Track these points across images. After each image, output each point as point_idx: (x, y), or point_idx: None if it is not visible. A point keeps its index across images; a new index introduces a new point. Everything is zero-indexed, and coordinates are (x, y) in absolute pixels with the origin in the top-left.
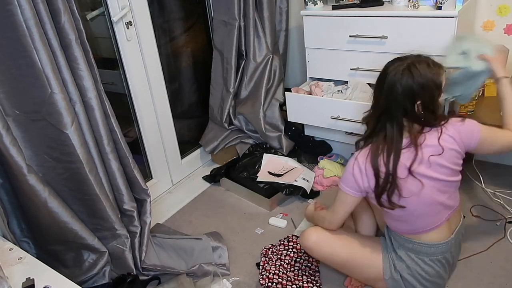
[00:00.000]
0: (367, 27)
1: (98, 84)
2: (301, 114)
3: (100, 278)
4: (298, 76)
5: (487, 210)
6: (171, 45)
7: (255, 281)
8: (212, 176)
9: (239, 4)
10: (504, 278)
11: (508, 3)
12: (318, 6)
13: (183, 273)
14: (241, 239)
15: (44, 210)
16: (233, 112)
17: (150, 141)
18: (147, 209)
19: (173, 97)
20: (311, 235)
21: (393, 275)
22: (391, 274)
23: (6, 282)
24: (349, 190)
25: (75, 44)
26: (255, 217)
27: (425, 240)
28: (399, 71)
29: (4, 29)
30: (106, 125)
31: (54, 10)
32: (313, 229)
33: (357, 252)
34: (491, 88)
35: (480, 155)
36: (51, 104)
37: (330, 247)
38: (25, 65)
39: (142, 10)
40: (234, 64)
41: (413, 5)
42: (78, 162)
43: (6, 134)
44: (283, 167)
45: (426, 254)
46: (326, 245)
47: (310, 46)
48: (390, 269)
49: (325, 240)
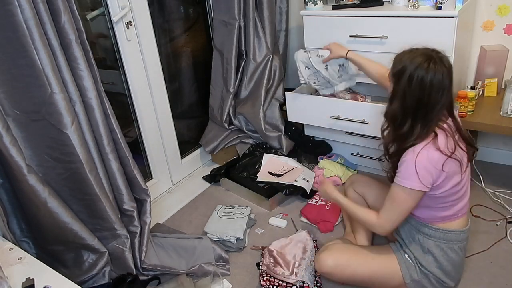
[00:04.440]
0: (367, 27)
1: (98, 84)
2: (301, 114)
3: (100, 278)
4: (298, 76)
5: (487, 210)
6: (171, 45)
7: (255, 281)
8: (212, 176)
9: (239, 4)
10: (504, 278)
11: (508, 3)
12: (318, 6)
13: (183, 273)
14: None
15: (44, 210)
16: (233, 112)
17: (150, 141)
18: (147, 209)
19: (173, 97)
20: (326, 259)
21: (413, 277)
22: (411, 277)
23: (6, 282)
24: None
25: (75, 44)
26: (255, 217)
27: (456, 227)
28: (432, 71)
29: (4, 29)
30: (106, 125)
31: (54, 10)
32: (327, 253)
33: (376, 266)
34: (491, 88)
35: (480, 155)
36: (51, 104)
37: (350, 268)
38: (25, 65)
39: (142, 10)
40: (234, 64)
41: (413, 5)
42: (78, 162)
43: (6, 134)
44: (283, 167)
45: (457, 242)
46: (345, 268)
47: (310, 46)
48: (409, 272)
49: (343, 262)
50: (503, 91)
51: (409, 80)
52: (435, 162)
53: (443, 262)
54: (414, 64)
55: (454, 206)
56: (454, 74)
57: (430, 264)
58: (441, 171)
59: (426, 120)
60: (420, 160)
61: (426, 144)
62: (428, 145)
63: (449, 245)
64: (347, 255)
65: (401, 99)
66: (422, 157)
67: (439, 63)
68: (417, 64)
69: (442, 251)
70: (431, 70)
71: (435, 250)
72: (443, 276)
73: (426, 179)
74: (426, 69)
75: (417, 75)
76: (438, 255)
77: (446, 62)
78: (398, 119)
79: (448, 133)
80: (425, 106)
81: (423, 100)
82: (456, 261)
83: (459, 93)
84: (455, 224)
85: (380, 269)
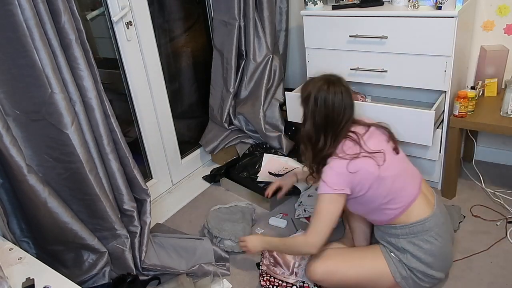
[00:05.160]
0: (367, 27)
1: (98, 84)
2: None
3: (100, 278)
4: (298, 76)
5: (487, 210)
6: (171, 45)
7: (255, 281)
8: (212, 176)
9: (239, 4)
10: (504, 278)
11: (508, 3)
12: (318, 6)
13: (183, 273)
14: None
15: (44, 210)
16: (233, 112)
17: (150, 141)
18: (147, 209)
19: (173, 97)
20: (316, 267)
21: (402, 274)
22: (400, 274)
23: (6, 282)
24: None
25: (75, 44)
26: (255, 217)
27: (415, 219)
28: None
29: (4, 29)
30: (106, 125)
31: (54, 10)
32: (316, 261)
33: (364, 268)
34: (491, 88)
35: (480, 155)
36: (51, 104)
37: (338, 273)
38: (25, 65)
39: (142, 10)
40: (234, 64)
41: (413, 5)
42: (78, 162)
43: (6, 134)
44: (283, 167)
45: (424, 231)
46: (334, 273)
47: (310, 46)
48: (397, 269)
49: (332, 268)
50: (503, 91)
51: (315, 101)
52: (339, 167)
53: (421, 255)
54: (316, 88)
55: (397, 199)
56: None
57: (411, 261)
58: (348, 173)
59: (335, 132)
60: (332, 166)
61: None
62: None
63: (419, 237)
64: (334, 261)
65: (311, 119)
66: (334, 164)
67: (338, 83)
68: (319, 87)
69: (415, 245)
70: (330, 91)
71: (409, 247)
72: (427, 269)
73: (338, 183)
74: (326, 90)
75: (320, 96)
76: (413, 251)
77: (344, 82)
78: (313, 137)
79: (353, 139)
80: (332, 121)
81: (329, 116)
82: (434, 251)
83: (459, 93)
84: (414, 215)
85: (369, 271)
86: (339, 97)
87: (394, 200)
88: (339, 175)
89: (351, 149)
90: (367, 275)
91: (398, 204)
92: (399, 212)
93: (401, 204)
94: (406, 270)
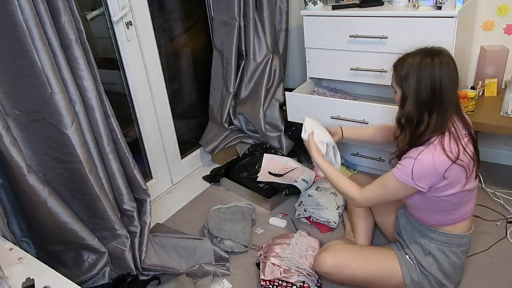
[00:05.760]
0: (367, 27)
1: (98, 84)
2: (301, 114)
3: (100, 278)
4: (298, 76)
5: (487, 210)
6: (171, 45)
7: (255, 281)
8: (212, 176)
9: (239, 4)
10: (505, 278)
11: (508, 3)
12: (318, 6)
13: (183, 273)
14: None
15: (44, 210)
16: (233, 112)
17: (150, 141)
18: (147, 209)
19: (173, 97)
20: (326, 258)
21: (413, 278)
22: (411, 277)
23: (6, 282)
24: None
25: (75, 44)
26: (255, 217)
27: (459, 231)
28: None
29: (4, 29)
30: (106, 125)
31: (54, 10)
32: (326, 253)
33: (376, 266)
34: (491, 88)
35: (480, 155)
36: (51, 104)
37: (350, 268)
38: (25, 65)
39: (142, 10)
40: (234, 64)
41: (413, 5)
42: (78, 162)
43: (6, 134)
44: (284, 167)
45: (459, 246)
46: (344, 267)
47: (310, 46)
48: (409, 272)
49: (343, 262)
50: (503, 91)
51: (417, 77)
52: (438, 166)
53: (445, 265)
54: (417, 62)
55: (458, 210)
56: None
57: (431, 266)
58: (441, 176)
59: (441, 110)
60: (422, 159)
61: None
62: (434, 147)
63: (451, 249)
64: (346, 255)
65: (414, 97)
66: (425, 158)
67: (440, 54)
68: (420, 61)
69: (444, 254)
70: (436, 62)
71: (437, 253)
72: (444, 278)
73: (422, 180)
74: (430, 62)
75: (424, 70)
76: (439, 258)
77: (445, 52)
78: (415, 119)
79: (453, 136)
80: (438, 96)
81: (435, 90)
82: (457, 264)
83: (459, 93)
84: (459, 228)
85: (380, 269)
86: (445, 68)
87: (457, 210)
88: (426, 174)
89: (449, 146)
90: (378, 274)
91: (457, 215)
92: (452, 222)
93: (458, 216)
94: (418, 275)
